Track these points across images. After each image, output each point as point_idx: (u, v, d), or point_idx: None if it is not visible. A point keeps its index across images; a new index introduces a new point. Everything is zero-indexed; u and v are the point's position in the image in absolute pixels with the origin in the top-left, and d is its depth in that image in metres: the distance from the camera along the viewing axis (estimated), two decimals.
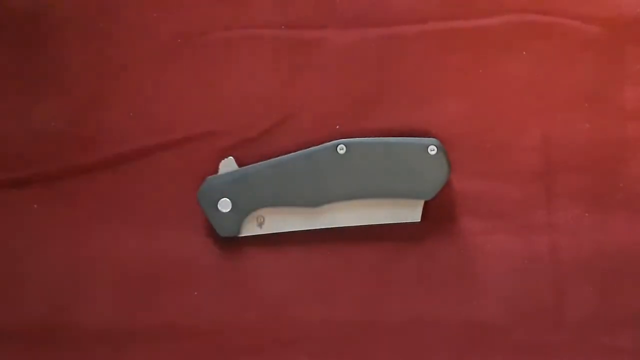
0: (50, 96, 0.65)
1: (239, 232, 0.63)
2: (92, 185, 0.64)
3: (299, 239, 0.64)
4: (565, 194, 0.64)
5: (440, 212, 0.64)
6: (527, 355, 0.62)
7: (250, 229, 0.64)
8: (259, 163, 0.63)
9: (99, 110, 0.65)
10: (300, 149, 0.63)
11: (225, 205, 0.63)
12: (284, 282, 0.64)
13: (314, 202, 0.63)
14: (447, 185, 0.63)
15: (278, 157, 0.63)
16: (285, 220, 0.63)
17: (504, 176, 0.64)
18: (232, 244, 0.64)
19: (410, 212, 0.63)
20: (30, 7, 0.65)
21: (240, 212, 0.63)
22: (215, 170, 0.63)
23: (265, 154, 0.64)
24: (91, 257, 0.64)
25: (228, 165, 0.63)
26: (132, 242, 0.64)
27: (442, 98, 0.64)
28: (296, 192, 0.62)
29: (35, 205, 0.64)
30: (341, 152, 0.62)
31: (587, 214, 0.64)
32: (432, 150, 0.62)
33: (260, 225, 0.64)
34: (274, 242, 0.64)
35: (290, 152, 0.63)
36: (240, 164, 0.63)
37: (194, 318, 0.63)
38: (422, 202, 0.63)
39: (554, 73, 0.64)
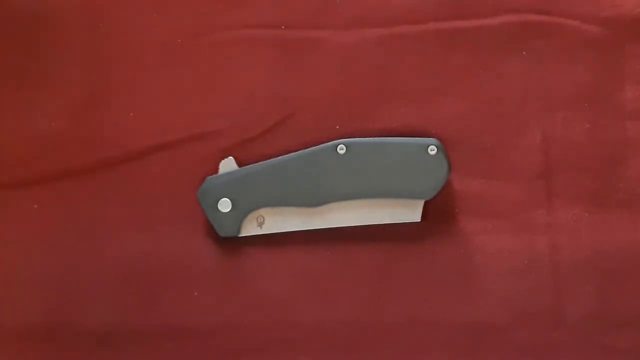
0: (50, 96, 0.65)
1: (239, 232, 0.63)
2: (92, 185, 0.64)
3: (299, 239, 0.64)
4: (565, 194, 0.64)
5: (440, 212, 0.64)
6: (527, 355, 0.62)
7: (250, 229, 0.64)
8: (259, 163, 0.63)
9: (99, 110, 0.65)
10: (300, 149, 0.63)
11: (225, 205, 0.63)
12: (284, 282, 0.63)
13: (314, 202, 0.63)
14: (447, 185, 0.63)
15: (278, 157, 0.63)
16: (285, 220, 0.63)
17: (504, 176, 0.64)
18: (232, 244, 0.64)
19: (410, 212, 0.63)
20: (30, 7, 0.65)
21: (240, 212, 0.63)
22: (215, 170, 0.63)
23: (265, 154, 0.64)
24: (91, 257, 0.64)
25: (228, 165, 0.63)
26: (132, 242, 0.64)
27: (442, 98, 0.64)
28: (296, 192, 0.62)
29: (35, 205, 0.64)
30: (341, 152, 0.62)
31: (587, 214, 0.64)
32: (432, 150, 0.62)
33: (260, 225, 0.64)
34: (274, 242, 0.64)
35: (290, 152, 0.63)
36: (240, 164, 0.63)
37: (194, 318, 0.63)
38: (422, 202, 0.63)
39: (554, 73, 0.64)
